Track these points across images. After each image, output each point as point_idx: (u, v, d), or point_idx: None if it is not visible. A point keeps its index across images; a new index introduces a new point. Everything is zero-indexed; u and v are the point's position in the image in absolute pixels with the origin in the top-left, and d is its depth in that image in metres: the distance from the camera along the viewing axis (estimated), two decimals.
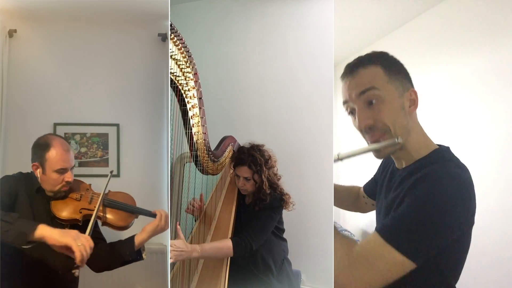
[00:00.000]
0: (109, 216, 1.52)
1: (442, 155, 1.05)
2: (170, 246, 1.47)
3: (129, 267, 2.04)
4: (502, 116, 1.98)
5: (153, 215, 1.51)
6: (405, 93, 1.06)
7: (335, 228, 1.01)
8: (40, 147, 1.46)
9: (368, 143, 1.09)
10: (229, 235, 1.75)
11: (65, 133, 2.41)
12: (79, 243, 1.23)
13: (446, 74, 2.29)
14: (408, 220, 0.90)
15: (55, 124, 2.40)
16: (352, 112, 1.09)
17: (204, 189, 1.97)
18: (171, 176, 1.78)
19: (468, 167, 1.02)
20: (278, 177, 1.90)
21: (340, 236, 0.98)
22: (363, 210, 1.56)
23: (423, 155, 1.06)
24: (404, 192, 0.99)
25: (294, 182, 2.02)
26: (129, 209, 1.55)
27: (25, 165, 1.56)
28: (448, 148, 1.09)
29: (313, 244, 2.50)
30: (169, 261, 1.48)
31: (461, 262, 1.05)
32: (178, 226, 1.54)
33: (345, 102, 1.10)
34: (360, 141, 1.19)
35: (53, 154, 1.43)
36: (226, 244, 1.61)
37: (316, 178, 2.52)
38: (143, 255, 1.54)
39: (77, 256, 1.22)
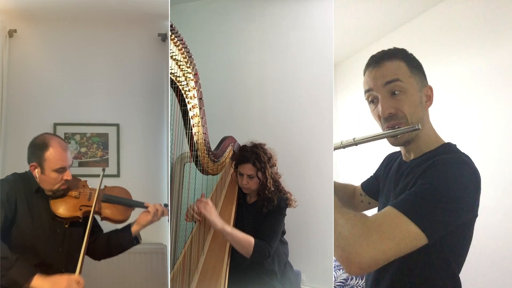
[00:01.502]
0: (107, 211, 1.57)
1: (451, 148, 1.10)
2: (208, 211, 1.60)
3: (129, 266, 2.04)
4: (501, 116, 1.98)
5: (145, 207, 1.59)
6: (423, 88, 1.12)
7: (339, 203, 1.00)
8: (38, 147, 1.44)
9: (384, 130, 1.12)
10: None
11: (65, 133, 2.41)
12: None
13: (445, 74, 2.29)
14: (423, 196, 0.93)
15: (55, 124, 2.40)
16: (373, 101, 1.14)
17: (204, 189, 1.97)
18: (171, 176, 1.78)
19: None
20: (279, 175, 1.91)
21: (347, 209, 0.98)
22: (357, 208, 1.56)
23: (432, 148, 1.11)
24: (416, 176, 1.02)
25: (294, 181, 2.02)
26: (126, 203, 1.62)
27: (26, 166, 1.56)
28: (455, 145, 1.13)
29: (313, 244, 2.50)
30: (207, 215, 1.59)
31: (464, 250, 1.07)
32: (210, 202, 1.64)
33: (368, 91, 1.15)
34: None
35: (52, 153, 1.42)
36: (249, 240, 1.65)
37: (316, 177, 2.52)
38: (140, 240, 1.61)
39: None
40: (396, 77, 1.08)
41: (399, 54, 1.12)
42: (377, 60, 1.12)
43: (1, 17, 2.29)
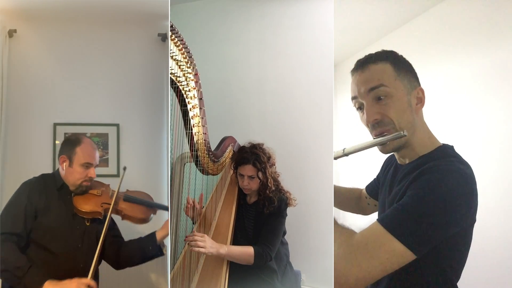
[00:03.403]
0: (128, 209, 1.61)
1: (446, 152, 1.07)
2: (200, 238, 1.52)
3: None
4: (501, 116, 1.98)
5: (167, 209, 1.63)
6: (412, 91, 1.08)
7: (335, 220, 1.02)
8: (71, 142, 1.58)
9: (373, 138, 1.10)
10: (229, 236, 1.75)
11: (65, 133, 2.40)
12: None
13: (445, 74, 2.29)
14: (410, 210, 0.91)
15: (55, 124, 2.40)
16: (360, 107, 1.12)
17: (205, 189, 1.97)
18: (171, 176, 1.78)
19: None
20: (277, 174, 1.92)
21: (340, 226, 0.99)
22: (365, 211, 1.56)
23: (427, 152, 1.08)
24: (407, 184, 1.00)
25: (294, 182, 2.02)
26: (147, 203, 1.66)
27: (26, 165, 1.58)
28: (452, 146, 1.10)
29: (313, 244, 2.50)
30: (202, 251, 1.52)
31: (462, 259, 1.05)
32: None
33: (353, 98, 1.12)
34: (359, 141, 1.19)
35: (82, 149, 1.56)
36: (248, 251, 1.66)
37: (316, 178, 2.52)
38: (164, 251, 1.62)
39: None
40: (379, 83, 1.05)
41: (385, 57, 1.08)
42: (362, 64, 1.09)
43: (1, 17, 2.29)
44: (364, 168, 2.32)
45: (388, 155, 1.35)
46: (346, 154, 1.18)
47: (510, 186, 1.91)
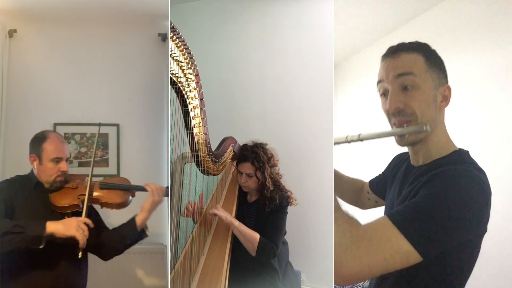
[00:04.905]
0: (105, 196, 1.61)
1: (462, 157, 1.03)
2: (216, 209, 1.71)
3: (129, 266, 2.04)
4: (503, 116, 1.98)
5: (145, 190, 1.60)
6: (440, 87, 1.06)
7: (339, 206, 0.96)
8: (37, 140, 1.55)
9: (392, 128, 1.07)
10: (229, 236, 1.76)
11: (65, 133, 2.41)
12: (80, 231, 1.38)
13: (447, 74, 2.29)
14: (421, 209, 0.87)
15: (55, 124, 2.40)
16: (384, 93, 1.08)
17: (205, 189, 1.98)
18: (171, 176, 1.78)
19: None
20: (280, 176, 1.92)
21: (345, 214, 0.93)
22: (363, 206, 1.51)
23: (442, 155, 1.05)
24: (420, 185, 0.96)
25: (294, 182, 2.02)
26: (123, 187, 1.65)
27: (26, 165, 1.57)
28: (467, 152, 1.07)
29: (313, 244, 2.50)
30: (215, 211, 1.71)
31: (468, 268, 1.01)
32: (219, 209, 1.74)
33: (379, 82, 1.09)
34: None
35: (49, 144, 1.53)
36: (255, 235, 1.71)
37: (316, 178, 2.52)
38: (147, 233, 1.62)
39: (81, 243, 1.38)
40: (410, 70, 1.02)
41: (419, 48, 1.06)
42: (394, 51, 1.06)
43: (1, 17, 2.28)
44: (364, 167, 2.32)
45: (398, 153, 1.32)
46: (361, 139, 1.10)
47: (510, 186, 1.91)
